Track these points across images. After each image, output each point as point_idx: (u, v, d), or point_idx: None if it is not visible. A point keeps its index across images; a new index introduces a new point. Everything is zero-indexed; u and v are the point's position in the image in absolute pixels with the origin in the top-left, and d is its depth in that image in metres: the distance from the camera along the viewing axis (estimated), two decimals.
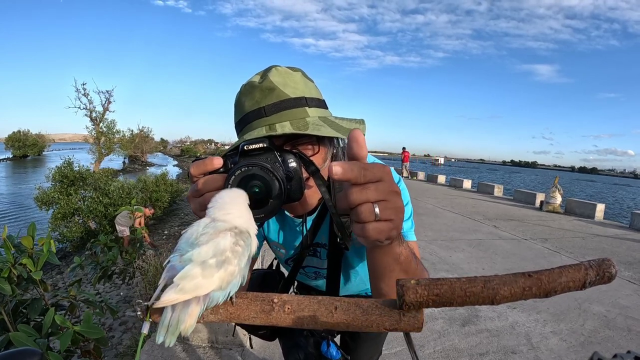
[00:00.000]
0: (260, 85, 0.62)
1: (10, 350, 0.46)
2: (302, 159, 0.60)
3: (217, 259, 0.42)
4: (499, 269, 3.84)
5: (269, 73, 0.63)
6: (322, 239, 0.80)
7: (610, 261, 0.40)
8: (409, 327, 0.43)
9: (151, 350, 2.08)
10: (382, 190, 0.40)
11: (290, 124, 0.61)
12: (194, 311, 0.42)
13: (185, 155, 51.86)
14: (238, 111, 0.66)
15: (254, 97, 0.63)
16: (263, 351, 2.14)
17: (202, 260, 0.42)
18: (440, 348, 2.28)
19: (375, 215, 0.39)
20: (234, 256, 0.44)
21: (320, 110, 0.66)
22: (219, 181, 0.52)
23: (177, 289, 0.40)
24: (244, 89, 0.65)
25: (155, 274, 3.36)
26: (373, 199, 0.39)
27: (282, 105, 0.61)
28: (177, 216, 10.38)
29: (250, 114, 0.63)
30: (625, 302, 3.13)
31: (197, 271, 0.41)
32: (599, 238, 5.85)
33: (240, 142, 0.58)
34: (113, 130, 24.99)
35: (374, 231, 0.40)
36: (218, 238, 0.44)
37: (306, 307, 0.45)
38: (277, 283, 0.99)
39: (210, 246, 0.43)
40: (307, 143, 0.65)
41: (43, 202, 8.19)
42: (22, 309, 1.51)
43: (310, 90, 0.67)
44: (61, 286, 5.54)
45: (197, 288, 0.41)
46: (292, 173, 0.58)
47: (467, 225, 6.18)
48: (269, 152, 0.55)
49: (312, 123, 0.61)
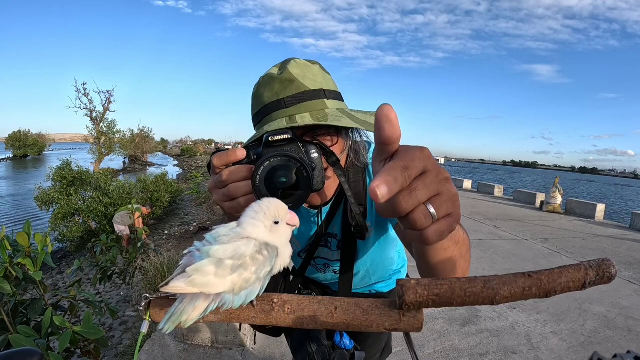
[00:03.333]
0: (280, 77, 0.63)
1: (9, 350, 0.46)
2: (324, 149, 0.62)
3: (234, 262, 0.41)
4: (499, 269, 3.84)
5: (288, 65, 0.64)
6: (333, 229, 0.80)
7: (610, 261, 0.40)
8: (409, 327, 0.43)
9: (151, 350, 2.08)
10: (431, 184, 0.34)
11: (310, 115, 0.61)
12: (200, 306, 0.42)
13: (185, 155, 51.78)
14: (257, 102, 0.66)
15: (274, 89, 0.63)
16: (263, 351, 2.14)
17: (219, 257, 0.41)
18: (441, 348, 2.28)
19: (432, 217, 0.34)
20: (253, 263, 0.43)
21: (338, 102, 0.67)
22: (244, 172, 0.52)
23: (187, 280, 0.39)
24: (263, 80, 0.66)
25: (155, 274, 3.36)
26: (425, 199, 0.33)
27: (301, 97, 0.62)
28: (177, 216, 10.37)
29: (270, 105, 0.63)
30: (625, 303, 3.13)
31: (211, 268, 0.40)
32: (599, 238, 5.85)
33: (261, 133, 0.58)
34: (113, 130, 25.00)
35: (435, 235, 0.35)
36: (241, 242, 0.43)
37: (306, 307, 0.45)
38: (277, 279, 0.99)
39: (231, 247, 0.42)
40: (326, 134, 0.66)
41: (43, 202, 8.19)
42: (22, 309, 1.50)
43: (328, 82, 0.67)
44: (61, 286, 5.54)
45: (207, 285, 0.40)
46: (315, 164, 0.59)
47: (467, 226, 6.16)
48: (293, 143, 0.55)
49: (331, 114, 0.62)
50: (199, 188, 11.57)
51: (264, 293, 0.47)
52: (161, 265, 3.36)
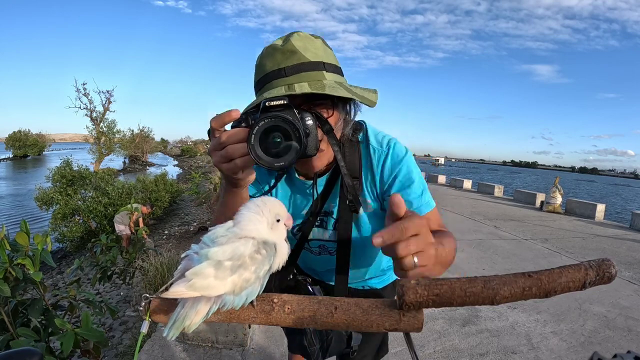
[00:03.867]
0: (282, 48, 0.66)
1: (9, 350, 0.46)
2: (319, 117, 0.66)
3: (233, 263, 0.42)
4: (499, 269, 3.84)
5: (291, 37, 0.67)
6: (330, 207, 0.82)
7: (610, 261, 0.40)
8: (409, 328, 0.43)
9: (151, 350, 2.08)
10: (420, 243, 0.47)
11: (308, 84, 0.64)
12: (202, 310, 0.42)
13: (185, 155, 51.75)
14: (259, 71, 0.70)
15: (276, 59, 0.66)
16: (263, 351, 2.14)
17: (217, 259, 0.41)
18: (441, 348, 2.28)
19: (414, 265, 0.47)
20: (252, 263, 0.43)
21: (337, 76, 0.70)
22: (241, 134, 0.55)
23: (188, 285, 0.40)
24: (266, 51, 0.69)
25: (155, 274, 3.36)
26: (414, 252, 0.46)
27: (301, 67, 0.65)
28: (177, 216, 10.37)
29: (270, 74, 0.67)
30: (625, 303, 3.13)
31: (211, 271, 0.40)
32: (599, 238, 5.85)
33: (260, 99, 0.61)
34: (113, 130, 24.99)
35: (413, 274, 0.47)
36: (239, 242, 0.44)
37: (306, 307, 0.45)
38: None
39: (229, 248, 0.43)
40: (323, 106, 0.69)
41: (43, 202, 8.20)
42: (23, 310, 1.50)
43: (329, 56, 0.70)
44: (61, 286, 5.54)
45: (207, 288, 0.40)
46: (309, 130, 0.62)
47: (467, 226, 6.17)
48: (288, 109, 0.58)
49: (328, 85, 0.65)
50: (199, 188, 11.56)
51: (264, 293, 0.47)
52: (161, 265, 3.36)
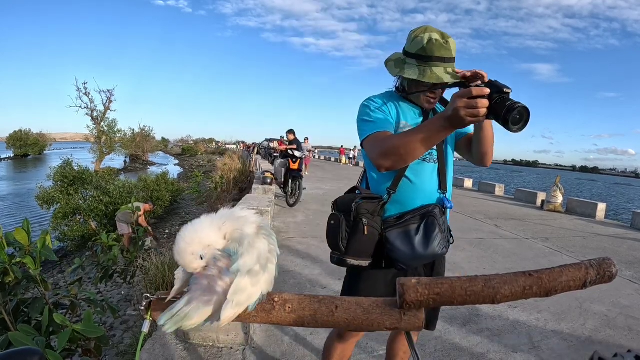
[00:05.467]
0: (447, 45, 1.07)
1: (9, 350, 0.46)
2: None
3: (261, 264, 0.46)
4: (500, 268, 3.83)
5: (449, 39, 1.08)
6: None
7: (610, 261, 0.40)
8: (409, 326, 0.43)
9: (152, 349, 2.09)
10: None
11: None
12: (204, 312, 0.43)
13: (186, 155, 51.70)
14: (428, 49, 1.06)
15: (441, 49, 1.06)
16: (264, 350, 2.14)
17: (248, 269, 0.44)
18: (441, 347, 2.28)
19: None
20: (272, 255, 0.49)
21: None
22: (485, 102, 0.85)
23: (233, 304, 0.43)
24: (437, 42, 1.06)
25: (156, 273, 3.36)
26: None
27: (451, 60, 1.08)
28: (179, 215, 10.38)
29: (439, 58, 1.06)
30: (626, 302, 3.13)
31: (247, 281, 0.44)
32: (600, 237, 5.84)
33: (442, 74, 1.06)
34: (114, 129, 25.01)
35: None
36: (255, 241, 0.47)
37: (307, 306, 0.45)
38: None
39: (253, 254, 0.46)
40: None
41: (44, 201, 8.21)
42: (24, 309, 1.50)
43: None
44: (62, 285, 5.55)
45: (249, 298, 0.44)
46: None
47: (468, 225, 6.17)
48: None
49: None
50: (200, 187, 11.56)
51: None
52: (162, 265, 3.37)
